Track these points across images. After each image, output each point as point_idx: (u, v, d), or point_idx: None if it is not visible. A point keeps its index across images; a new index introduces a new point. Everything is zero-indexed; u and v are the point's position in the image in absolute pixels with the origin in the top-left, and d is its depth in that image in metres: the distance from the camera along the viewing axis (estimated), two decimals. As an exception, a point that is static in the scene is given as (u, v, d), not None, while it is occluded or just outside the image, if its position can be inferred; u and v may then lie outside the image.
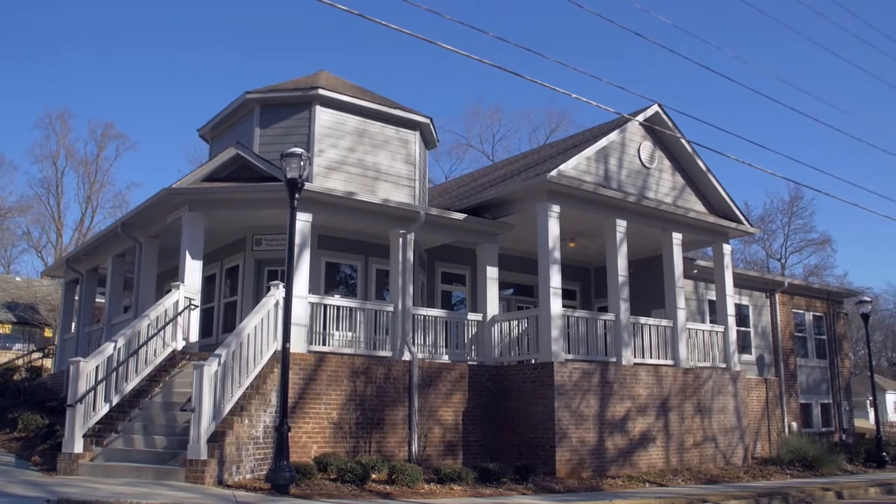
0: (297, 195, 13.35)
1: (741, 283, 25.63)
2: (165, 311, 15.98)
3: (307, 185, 15.24)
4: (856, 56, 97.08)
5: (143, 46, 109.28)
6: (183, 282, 16.52)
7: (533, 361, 17.94)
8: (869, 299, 26.93)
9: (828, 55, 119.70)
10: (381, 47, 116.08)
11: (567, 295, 22.05)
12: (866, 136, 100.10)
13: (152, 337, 15.38)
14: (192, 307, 16.61)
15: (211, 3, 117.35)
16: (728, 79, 22.09)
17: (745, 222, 22.38)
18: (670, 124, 20.59)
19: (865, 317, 26.30)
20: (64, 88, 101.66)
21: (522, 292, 23.60)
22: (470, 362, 18.23)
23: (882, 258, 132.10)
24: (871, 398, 28.50)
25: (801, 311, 29.15)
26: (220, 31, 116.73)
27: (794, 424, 26.64)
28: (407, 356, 17.00)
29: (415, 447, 16.40)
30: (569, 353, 17.83)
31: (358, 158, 19.01)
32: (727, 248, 22.39)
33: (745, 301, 26.42)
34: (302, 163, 13.19)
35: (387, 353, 16.97)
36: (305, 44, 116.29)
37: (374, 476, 13.96)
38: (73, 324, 25.10)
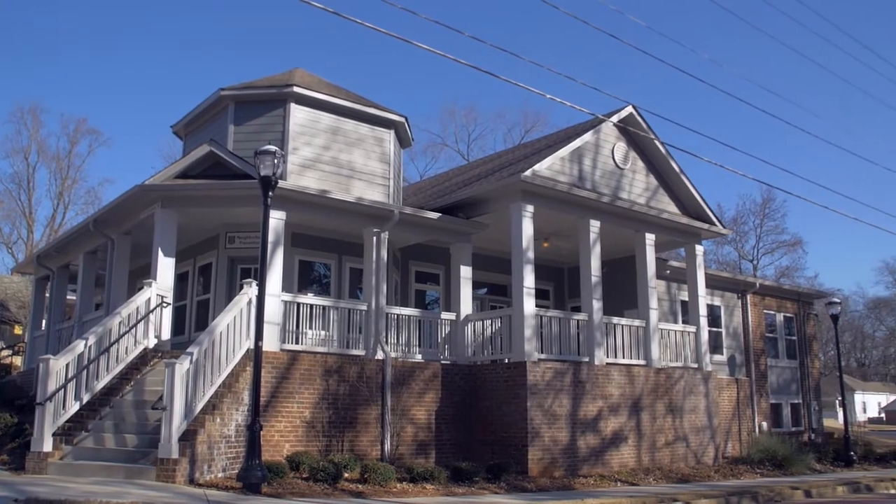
0: (270, 193, 13.28)
1: (713, 283, 25.84)
2: (137, 308, 15.87)
3: (281, 183, 15.18)
4: (825, 59, 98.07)
5: (117, 42, 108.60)
6: (155, 279, 16.41)
7: (506, 361, 17.98)
8: (838, 301, 27.23)
9: (798, 58, 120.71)
10: (358, 46, 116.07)
11: (540, 295, 22.12)
12: (836, 139, 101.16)
13: (124, 335, 15.27)
14: (165, 305, 16.50)
15: (185, 1, 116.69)
16: (701, 81, 22.23)
17: (717, 223, 22.54)
18: (644, 125, 20.70)
19: (835, 318, 26.58)
20: (36, 83, 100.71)
21: (496, 292, 23.64)
22: (443, 361, 18.24)
23: (852, 260, 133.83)
24: (840, 398, 28.80)
25: (772, 312, 29.42)
26: (196, 28, 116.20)
27: (765, 424, 26.90)
28: (380, 355, 16.98)
29: (387, 446, 16.39)
30: (542, 352, 17.89)
31: (332, 156, 18.96)
32: (700, 249, 22.55)
33: (717, 302, 26.63)
34: (276, 160, 13.11)
35: (360, 352, 16.94)
36: (282, 42, 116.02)
37: (346, 475, 13.93)
38: (44, 321, 24.84)
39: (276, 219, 16.06)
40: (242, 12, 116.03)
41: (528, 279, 17.98)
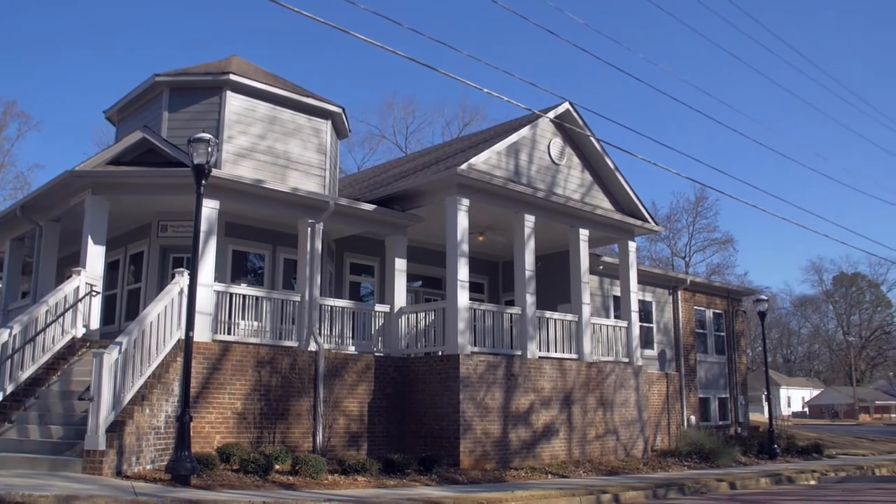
0: (203, 181, 13.09)
1: (645, 279, 26.24)
2: (65, 297, 15.54)
3: (215, 172, 15.01)
4: (758, 62, 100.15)
5: (50, 23, 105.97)
6: (84, 267, 16.09)
7: (439, 353, 18.04)
8: (766, 298, 28.03)
9: (728, 58, 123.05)
10: (296, 37, 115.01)
11: (475, 288, 22.24)
12: (766, 140, 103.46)
13: (51, 324, 14.94)
14: (94, 293, 16.19)
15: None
16: (638, 80, 22.58)
17: (650, 221, 22.89)
18: (580, 122, 20.92)
19: (762, 315, 27.33)
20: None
21: (431, 284, 23.69)
22: (377, 353, 18.24)
23: (780, 259, 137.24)
24: (765, 393, 29.55)
25: (703, 309, 30.00)
26: (131, 14, 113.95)
27: (693, 418, 27.43)
28: (313, 346, 16.91)
29: (319, 438, 16.34)
30: (475, 345, 17.99)
31: (268, 146, 18.79)
32: (633, 245, 22.88)
33: (648, 297, 27.05)
34: (210, 148, 12.93)
35: (293, 344, 16.84)
36: (218, 31, 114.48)
37: (277, 467, 13.86)
38: (-33, 309, 24.20)
39: (210, 208, 15.88)
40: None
41: (463, 272, 18.06)
